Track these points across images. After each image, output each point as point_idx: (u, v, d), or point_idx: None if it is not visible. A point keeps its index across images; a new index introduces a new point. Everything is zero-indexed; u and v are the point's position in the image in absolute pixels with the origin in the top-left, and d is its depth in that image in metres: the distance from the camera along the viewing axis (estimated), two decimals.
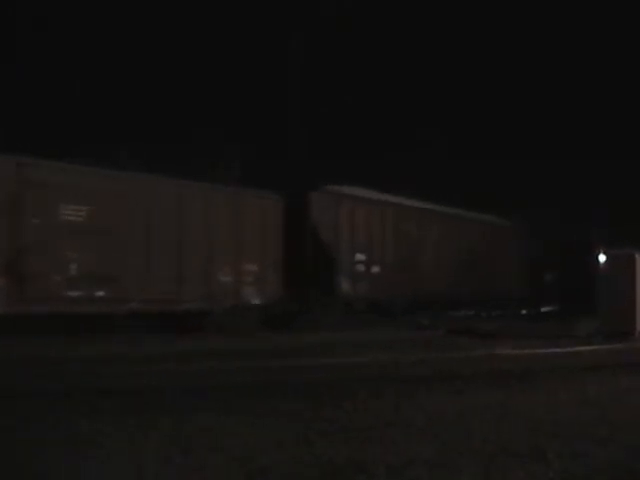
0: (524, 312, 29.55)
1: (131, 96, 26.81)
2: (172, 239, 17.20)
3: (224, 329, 17.98)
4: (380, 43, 33.86)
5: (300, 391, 8.44)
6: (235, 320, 18.39)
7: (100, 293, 16.07)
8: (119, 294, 16.27)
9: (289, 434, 6.16)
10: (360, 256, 21.32)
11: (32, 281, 14.83)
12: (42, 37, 26.67)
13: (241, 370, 10.40)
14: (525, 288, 28.90)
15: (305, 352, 13.22)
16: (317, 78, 29.52)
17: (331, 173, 23.36)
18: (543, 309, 30.31)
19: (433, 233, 24.13)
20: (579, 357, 12.91)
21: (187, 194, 17.65)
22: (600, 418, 6.96)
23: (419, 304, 23.31)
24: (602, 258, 23.43)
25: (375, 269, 21.76)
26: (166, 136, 26.64)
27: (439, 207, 25.08)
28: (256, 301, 18.82)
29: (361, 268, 21.37)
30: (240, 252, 18.49)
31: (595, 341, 16.01)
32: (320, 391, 8.38)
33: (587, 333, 17.59)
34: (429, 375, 9.98)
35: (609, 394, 8.55)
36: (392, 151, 33.61)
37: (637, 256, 18.34)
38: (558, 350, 14.20)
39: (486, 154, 34.15)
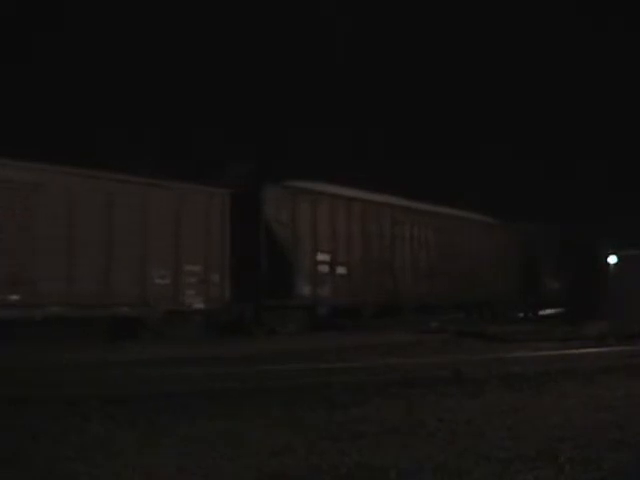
0: (521, 315, 27.83)
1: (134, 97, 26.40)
2: (100, 237, 15.71)
3: (161, 336, 16.52)
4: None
5: (310, 395, 8.25)
6: (174, 326, 16.87)
7: (14, 297, 14.62)
8: (36, 298, 14.79)
9: (300, 438, 6.03)
10: (323, 256, 19.55)
11: None
12: (56, 42, 26.29)
13: (241, 375, 10.18)
14: (521, 290, 27.04)
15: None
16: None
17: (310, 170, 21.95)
18: (542, 312, 28.45)
19: (409, 231, 22.27)
20: (590, 359, 12.44)
21: (118, 188, 16.11)
22: (612, 421, 6.79)
23: (392, 307, 21.65)
24: (613, 259, 22.89)
25: (340, 270, 19.98)
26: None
27: (416, 203, 23.25)
28: (199, 305, 17.21)
29: (324, 269, 19.59)
30: (180, 252, 16.91)
31: (606, 343, 15.59)
32: (331, 396, 8.20)
33: (597, 335, 16.99)
34: (440, 378, 9.79)
35: (621, 397, 8.31)
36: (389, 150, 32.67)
37: None
38: (568, 352, 13.84)
39: (481, 153, 33.18)
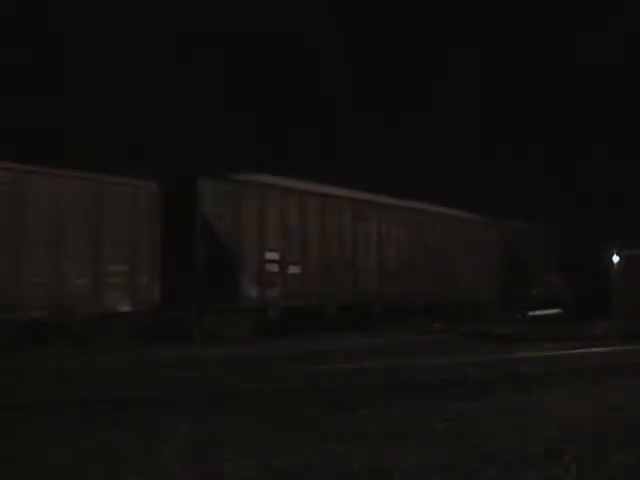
0: (505, 316, 26.05)
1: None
2: (7, 235, 14.44)
3: (82, 341, 15.20)
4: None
5: (313, 396, 8.14)
6: (96, 330, 15.52)
7: None
8: None
9: (305, 439, 6.04)
10: (272, 255, 18.03)
11: None
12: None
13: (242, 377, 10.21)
14: (509, 291, 25.27)
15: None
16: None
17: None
18: (532, 313, 26.59)
19: (375, 228, 20.66)
20: (594, 359, 12.44)
21: (28, 180, 14.82)
22: (617, 421, 6.81)
23: (356, 309, 20.10)
24: (615, 259, 23.07)
25: (293, 270, 18.44)
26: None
27: (385, 198, 21.67)
28: (124, 308, 15.83)
29: (274, 269, 18.07)
30: (103, 250, 15.57)
31: (609, 342, 15.51)
32: (336, 397, 8.10)
33: (600, 335, 16.83)
34: (446, 379, 9.75)
35: (625, 396, 8.29)
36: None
37: None
38: (572, 352, 13.80)
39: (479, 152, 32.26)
